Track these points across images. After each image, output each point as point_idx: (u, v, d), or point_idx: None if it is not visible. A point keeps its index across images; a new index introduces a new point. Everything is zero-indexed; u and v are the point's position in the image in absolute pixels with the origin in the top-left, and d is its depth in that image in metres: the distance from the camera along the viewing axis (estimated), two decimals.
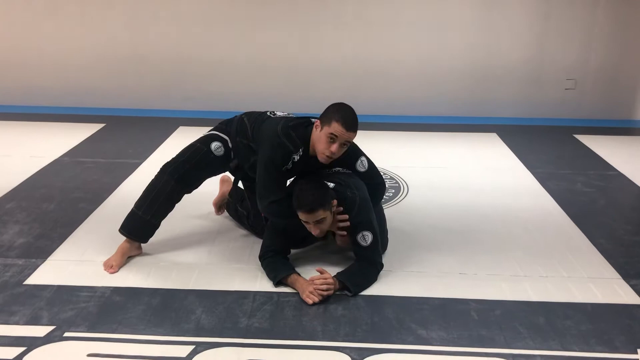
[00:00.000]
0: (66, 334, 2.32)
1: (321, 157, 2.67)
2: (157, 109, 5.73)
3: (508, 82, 5.59)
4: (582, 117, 5.64)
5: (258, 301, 2.56)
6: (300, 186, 2.58)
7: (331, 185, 2.69)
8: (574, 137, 5.10)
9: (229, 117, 3.04)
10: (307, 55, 5.60)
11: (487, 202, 3.69)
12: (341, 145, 2.63)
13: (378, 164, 4.21)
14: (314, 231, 2.62)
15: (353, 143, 2.84)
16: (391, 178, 4.07)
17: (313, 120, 2.76)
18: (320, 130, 2.64)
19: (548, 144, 4.91)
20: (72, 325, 2.37)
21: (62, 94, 5.78)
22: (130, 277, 2.74)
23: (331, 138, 2.60)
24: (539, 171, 4.22)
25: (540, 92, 5.61)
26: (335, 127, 2.59)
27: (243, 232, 3.21)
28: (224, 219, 3.37)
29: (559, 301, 2.60)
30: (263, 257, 2.78)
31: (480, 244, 3.14)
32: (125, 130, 5.12)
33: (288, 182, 2.88)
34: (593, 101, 5.64)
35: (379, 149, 4.65)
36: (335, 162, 2.74)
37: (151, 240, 2.94)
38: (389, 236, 3.08)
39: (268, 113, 2.90)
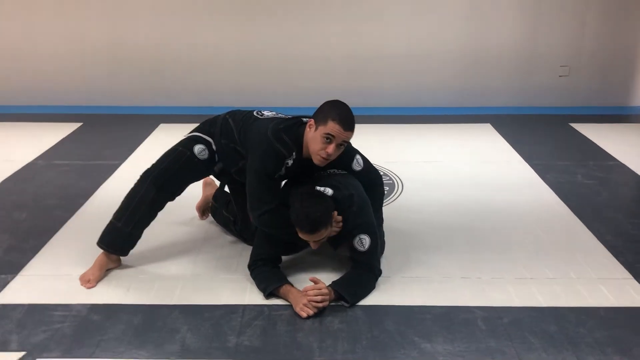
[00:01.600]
0: None
1: (316, 159, 2.47)
2: (137, 106, 5.47)
3: (501, 70, 5.41)
4: (577, 105, 5.48)
5: (248, 316, 2.37)
6: (301, 204, 2.35)
7: (329, 192, 2.49)
8: (570, 126, 4.94)
9: (212, 114, 2.84)
10: (294, 47, 5.38)
11: (486, 198, 3.52)
12: (338, 145, 2.43)
13: (370, 159, 4.04)
14: (313, 246, 2.44)
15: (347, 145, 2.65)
16: (385, 174, 3.88)
17: (305, 119, 2.56)
18: (315, 130, 2.44)
19: (544, 134, 4.74)
20: (45, 350, 2.17)
21: (37, 91, 5.50)
22: (109, 293, 2.53)
23: (327, 138, 2.40)
24: (537, 163, 4.06)
25: (534, 80, 5.44)
26: (332, 127, 2.39)
27: (230, 238, 3.00)
28: (210, 224, 3.17)
29: (569, 306, 2.44)
30: (252, 267, 2.59)
31: (481, 243, 2.97)
32: (103, 129, 4.88)
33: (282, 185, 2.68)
34: (588, 88, 5.48)
35: (370, 144, 4.44)
36: (330, 163, 2.55)
37: (131, 250, 2.73)
38: (385, 238, 2.90)
39: (255, 113, 2.69)
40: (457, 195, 3.56)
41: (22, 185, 3.71)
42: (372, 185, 2.75)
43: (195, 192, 3.14)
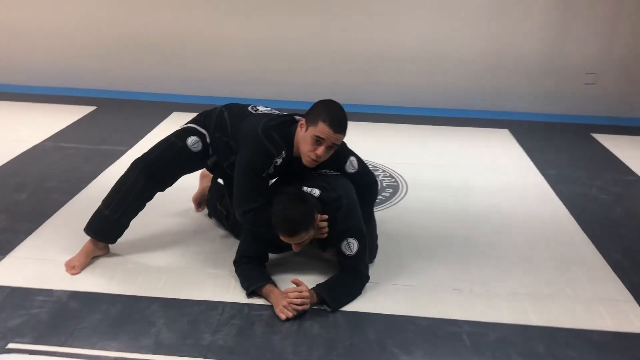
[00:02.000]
0: (10, 346, 2.10)
1: (305, 160, 2.40)
2: (152, 92, 5.48)
3: (522, 75, 5.23)
4: (601, 115, 5.28)
5: (227, 314, 2.32)
6: (282, 205, 2.29)
7: (316, 192, 2.42)
8: (591, 136, 4.76)
9: (224, 104, 2.77)
10: (309, 41, 5.29)
11: (491, 206, 3.40)
12: (328, 147, 2.36)
13: (378, 159, 3.96)
14: (295, 248, 2.37)
15: (341, 145, 2.57)
16: (390, 176, 3.79)
17: (297, 117, 2.49)
18: (306, 131, 2.37)
19: (563, 143, 4.57)
20: (18, 335, 2.15)
21: (54, 73, 5.54)
22: (92, 280, 2.52)
23: (317, 140, 2.33)
24: (551, 173, 3.91)
25: (558, 87, 5.25)
26: (322, 128, 2.32)
27: (223, 232, 2.96)
28: (204, 217, 3.13)
29: (562, 327, 2.32)
30: (237, 263, 2.54)
31: (479, 254, 2.86)
32: (116, 114, 4.89)
33: (271, 183, 2.62)
34: (614, 98, 5.26)
35: (380, 144, 4.39)
36: (322, 164, 2.48)
37: (121, 238, 2.70)
38: (379, 242, 2.82)
39: (249, 108, 2.63)
40: (462, 202, 3.45)
41: (27, 166, 3.73)
42: (364, 187, 2.67)
43: (193, 183, 3.12)
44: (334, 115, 2.34)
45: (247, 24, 5.31)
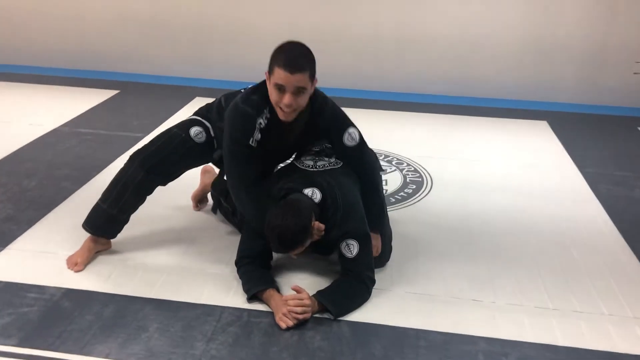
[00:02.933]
0: None
1: (280, 114, 2.20)
2: (175, 77, 5.35)
3: (566, 62, 4.87)
4: None
5: (224, 320, 2.17)
6: (275, 219, 2.11)
7: (317, 197, 2.24)
8: (639, 131, 4.41)
9: (224, 94, 2.62)
10: (337, 23, 5.05)
11: (522, 207, 3.14)
12: (294, 94, 2.13)
13: (403, 152, 3.73)
14: (292, 256, 2.21)
15: (337, 109, 2.37)
16: (415, 170, 3.56)
17: None
18: (270, 83, 2.19)
19: (606, 138, 4.24)
20: (3, 335, 2.05)
21: (78, 56, 5.48)
22: (88, 278, 2.40)
23: (279, 88, 2.14)
24: (590, 171, 3.62)
25: (604, 76, 4.87)
26: (278, 74, 2.11)
27: (228, 230, 2.80)
28: (210, 213, 2.95)
29: (592, 348, 2.09)
30: (239, 264, 2.38)
31: (505, 261, 2.63)
32: (138, 99, 4.79)
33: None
34: None
35: (407, 134, 4.17)
36: (318, 132, 2.31)
37: (123, 234, 2.58)
38: (395, 243, 2.62)
39: (241, 90, 2.46)
40: (489, 201, 3.20)
41: (40, 152, 3.65)
42: (366, 166, 2.45)
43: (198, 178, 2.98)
44: (288, 56, 2.12)
45: (273, 8, 5.12)
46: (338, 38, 5.09)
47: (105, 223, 2.50)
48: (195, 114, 2.57)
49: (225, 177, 2.72)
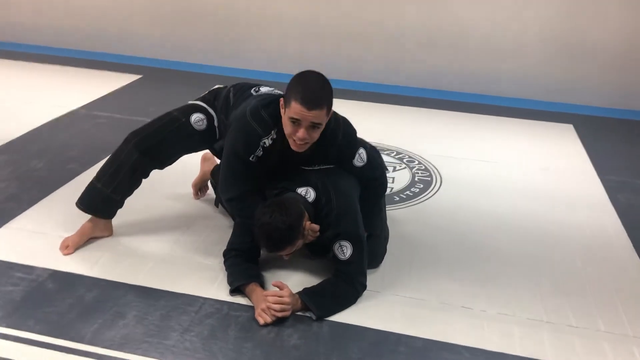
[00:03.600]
0: None
1: (292, 144, 2.15)
2: (199, 64, 5.35)
3: (598, 63, 4.65)
4: None
5: (203, 312, 2.14)
6: (263, 217, 2.06)
7: (311, 196, 2.21)
8: None
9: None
10: (366, 15, 4.95)
11: (531, 212, 3.02)
12: (308, 128, 2.08)
13: (416, 149, 3.63)
14: (283, 257, 2.18)
15: (348, 131, 2.30)
16: (425, 169, 3.46)
17: None
18: (285, 113, 2.12)
19: (634, 145, 4.04)
20: None
21: (104, 39, 5.54)
22: (77, 261, 2.40)
23: (293, 122, 2.07)
24: (611, 179, 3.45)
25: (635, 79, 4.63)
26: (295, 108, 2.04)
27: (223, 221, 2.75)
28: (207, 203, 2.94)
29: None
30: (226, 256, 2.35)
31: (505, 267, 2.52)
32: (159, 85, 4.80)
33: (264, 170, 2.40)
34: None
35: (422, 130, 4.07)
36: (328, 156, 2.26)
37: (118, 220, 2.58)
38: (392, 244, 2.55)
39: (252, 90, 2.42)
40: (499, 204, 3.08)
41: (54, 133, 3.70)
42: (372, 181, 2.42)
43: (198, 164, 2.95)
44: (306, 91, 2.04)
45: None
46: (364, 30, 4.99)
47: (98, 202, 2.49)
48: (202, 99, 2.54)
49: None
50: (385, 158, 3.48)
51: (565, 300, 2.31)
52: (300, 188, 2.25)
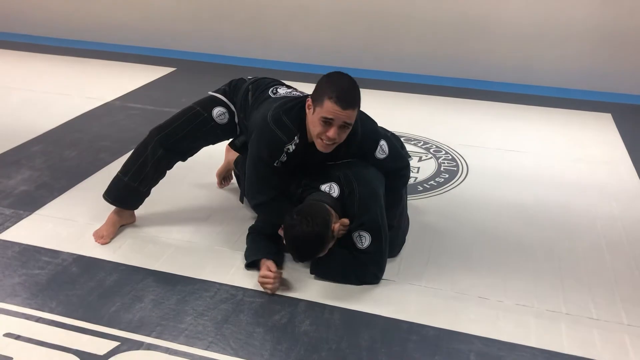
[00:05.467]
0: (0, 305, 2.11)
1: (319, 145, 2.15)
2: (231, 56, 5.41)
3: (635, 50, 4.47)
4: None
5: (219, 297, 2.18)
6: (293, 228, 2.07)
7: (335, 191, 2.22)
8: None
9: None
10: (396, 4, 4.91)
11: (559, 202, 2.93)
12: (340, 127, 2.09)
13: (445, 139, 3.58)
14: None
15: (368, 123, 2.30)
16: (452, 159, 3.41)
17: None
18: (313, 112, 2.12)
19: None
20: (11, 294, 2.16)
21: (140, 33, 5.66)
22: (100, 247, 2.48)
23: (325, 121, 2.07)
24: None
25: None
26: (329, 107, 2.05)
27: (244, 212, 2.77)
28: (229, 193, 2.97)
29: None
30: (250, 231, 2.44)
31: (526, 259, 2.47)
32: (192, 77, 4.88)
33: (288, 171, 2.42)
34: None
35: (455, 122, 3.99)
36: (350, 152, 2.26)
37: (141, 208, 2.64)
38: (411, 233, 2.53)
39: (270, 92, 2.42)
40: (526, 194, 3.01)
41: (87, 124, 3.81)
42: (395, 171, 2.40)
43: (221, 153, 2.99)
44: (341, 90, 2.05)
45: None
46: (397, 20, 4.94)
47: (126, 195, 2.56)
48: (221, 92, 2.57)
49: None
50: (411, 148, 3.49)
51: (587, 294, 2.25)
52: (323, 185, 2.25)
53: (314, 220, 2.06)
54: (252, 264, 2.30)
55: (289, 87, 2.50)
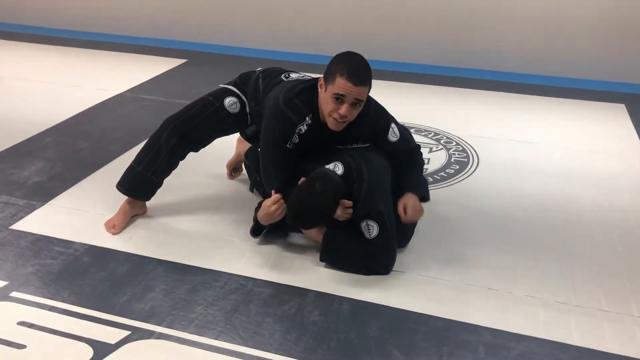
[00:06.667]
0: (13, 294, 2.14)
1: (331, 123, 2.19)
2: (245, 47, 5.41)
3: None
4: None
5: (228, 287, 2.19)
6: (299, 195, 2.13)
7: (340, 169, 2.22)
8: None
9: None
10: None
11: (571, 194, 2.92)
12: (352, 105, 2.12)
13: (456, 130, 3.57)
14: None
15: (378, 106, 2.32)
16: (462, 150, 3.40)
17: None
18: (325, 90, 2.15)
19: None
20: (24, 283, 2.19)
21: (152, 24, 5.67)
22: (112, 237, 2.50)
23: (337, 98, 2.11)
24: None
25: None
26: (341, 84, 2.08)
27: (257, 202, 2.79)
28: (241, 183, 2.99)
29: (610, 352, 1.91)
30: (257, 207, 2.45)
31: (537, 250, 2.46)
32: (204, 69, 4.89)
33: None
34: None
35: (466, 113, 3.98)
36: (361, 134, 2.28)
37: (153, 199, 2.65)
38: (421, 224, 2.53)
39: (282, 76, 2.45)
40: (536, 186, 2.99)
41: (100, 115, 3.84)
42: (410, 153, 2.43)
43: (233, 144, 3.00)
44: (353, 67, 2.09)
45: None
46: (405, 11, 4.91)
47: (139, 185, 2.58)
48: (232, 83, 2.61)
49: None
50: (422, 139, 3.49)
51: (599, 286, 2.23)
52: (327, 165, 2.26)
53: (326, 187, 2.12)
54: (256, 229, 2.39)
55: (300, 74, 2.51)
